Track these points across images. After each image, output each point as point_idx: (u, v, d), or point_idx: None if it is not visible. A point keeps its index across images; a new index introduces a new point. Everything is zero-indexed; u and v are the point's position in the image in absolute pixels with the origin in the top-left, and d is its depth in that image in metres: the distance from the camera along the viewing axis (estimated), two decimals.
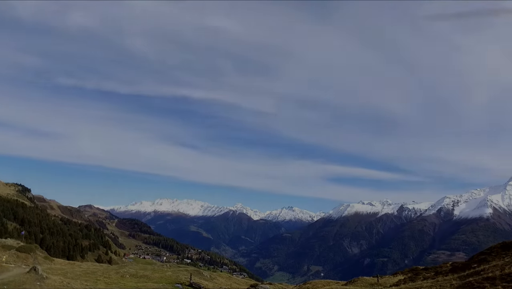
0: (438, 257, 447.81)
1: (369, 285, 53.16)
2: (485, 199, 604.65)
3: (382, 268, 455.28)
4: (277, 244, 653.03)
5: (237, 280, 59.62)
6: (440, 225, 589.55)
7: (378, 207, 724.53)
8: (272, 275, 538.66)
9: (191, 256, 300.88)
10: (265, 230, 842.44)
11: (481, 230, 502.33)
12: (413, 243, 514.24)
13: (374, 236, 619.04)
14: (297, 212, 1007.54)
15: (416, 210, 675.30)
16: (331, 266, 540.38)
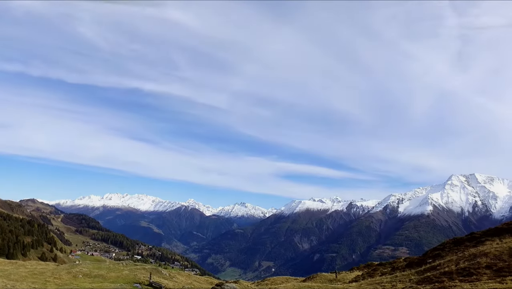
0: (383, 252, 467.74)
1: (327, 281, 54.14)
2: (426, 197, 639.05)
3: (331, 263, 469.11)
4: (229, 240, 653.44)
5: (198, 279, 58.30)
6: (385, 221, 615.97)
7: (328, 204, 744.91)
8: (223, 271, 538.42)
9: (142, 252, 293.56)
10: (217, 225, 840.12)
11: (422, 226, 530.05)
12: (361, 239, 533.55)
13: (324, 232, 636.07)
14: (249, 208, 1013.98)
15: (364, 207, 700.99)
16: (282, 261, 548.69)
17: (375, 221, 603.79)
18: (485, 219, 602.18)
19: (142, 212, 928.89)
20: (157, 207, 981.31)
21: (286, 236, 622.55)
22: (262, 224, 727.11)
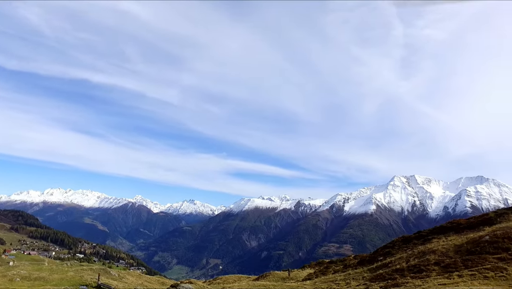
0: (329, 249, 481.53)
1: (280, 279, 54.33)
2: (370, 196, 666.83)
3: (278, 260, 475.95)
4: (177, 237, 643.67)
5: (149, 279, 55.76)
6: (332, 220, 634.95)
7: (277, 202, 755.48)
8: (170, 268, 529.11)
9: (84, 250, 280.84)
10: (165, 222, 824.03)
11: (366, 224, 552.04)
12: (308, 237, 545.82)
13: (272, 230, 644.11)
14: (198, 205, 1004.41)
15: (312, 206, 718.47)
16: (230, 259, 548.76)
17: (321, 220, 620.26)
18: (422, 218, 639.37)
19: (86, 208, 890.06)
20: (102, 203, 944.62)
21: (234, 233, 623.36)
22: (210, 222, 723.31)
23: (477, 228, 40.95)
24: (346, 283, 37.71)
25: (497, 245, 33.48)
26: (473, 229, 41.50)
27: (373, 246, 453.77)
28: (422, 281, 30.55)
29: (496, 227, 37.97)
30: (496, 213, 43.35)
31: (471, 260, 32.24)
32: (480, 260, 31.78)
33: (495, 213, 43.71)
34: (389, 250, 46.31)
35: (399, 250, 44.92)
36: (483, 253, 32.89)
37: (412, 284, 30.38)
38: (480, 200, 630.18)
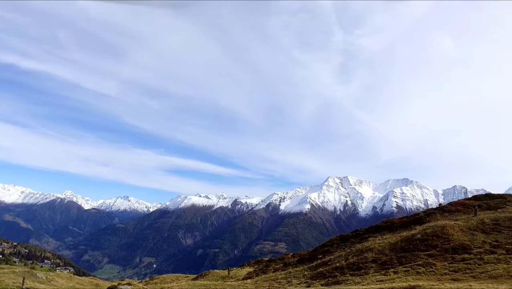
0: (264, 247, 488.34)
1: (220, 278, 53.86)
2: (306, 196, 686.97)
3: (213, 258, 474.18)
4: (109, 235, 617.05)
5: (81, 281, 51.83)
6: (267, 218, 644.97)
7: (214, 200, 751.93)
8: (101, 268, 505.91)
9: (3, 250, 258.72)
10: (96, 220, 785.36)
11: (300, 223, 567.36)
12: (243, 235, 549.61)
13: (208, 227, 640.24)
14: (133, 202, 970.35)
15: (248, 204, 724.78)
16: (164, 257, 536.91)
17: (257, 218, 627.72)
18: (353, 217, 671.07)
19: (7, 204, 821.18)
20: (26, 199, 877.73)
21: (170, 231, 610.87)
22: (145, 219, 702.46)
23: (409, 227, 43.51)
24: (288, 282, 38.14)
25: (427, 243, 35.71)
26: (406, 228, 44.03)
27: (307, 244, 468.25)
28: (361, 278, 31.71)
29: (426, 226, 40.54)
30: (425, 213, 46.37)
31: (405, 257, 34.08)
32: (413, 257, 33.69)
33: (425, 212, 46.75)
34: (328, 248, 47.67)
35: (337, 248, 46.42)
36: (415, 250, 34.92)
37: (352, 281, 31.44)
38: (405, 200, 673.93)
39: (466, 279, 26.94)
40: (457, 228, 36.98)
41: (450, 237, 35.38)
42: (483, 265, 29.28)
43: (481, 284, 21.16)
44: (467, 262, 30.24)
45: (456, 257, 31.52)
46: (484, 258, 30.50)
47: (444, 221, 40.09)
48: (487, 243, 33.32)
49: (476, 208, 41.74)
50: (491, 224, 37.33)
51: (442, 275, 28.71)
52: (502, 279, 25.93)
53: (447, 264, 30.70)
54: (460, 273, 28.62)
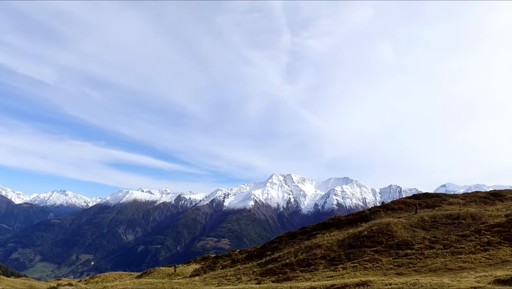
0: (207, 243, 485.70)
1: (166, 276, 52.57)
2: (250, 193, 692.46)
3: (155, 255, 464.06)
4: (43, 231, 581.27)
5: (12, 282, 47.18)
6: (211, 214, 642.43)
7: (157, 196, 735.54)
8: (32, 266, 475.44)
9: None
10: (29, 215, 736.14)
11: (243, 219, 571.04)
12: (187, 231, 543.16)
13: (151, 223, 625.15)
14: (70, 197, 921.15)
15: (192, 200, 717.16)
16: (103, 254, 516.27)
17: (201, 214, 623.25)
18: (295, 214, 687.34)
19: None
20: None
21: (110, 227, 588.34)
22: (83, 214, 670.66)
23: (356, 224, 45.06)
24: (237, 279, 37.98)
25: (373, 239, 37.15)
26: (352, 225, 45.55)
27: (250, 240, 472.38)
28: (311, 275, 32.28)
29: (372, 223, 42.21)
30: (370, 211, 48.30)
31: (353, 253, 35.20)
32: (360, 253, 34.88)
33: (370, 210, 48.69)
34: (277, 245, 48.14)
35: (286, 245, 47.00)
36: (362, 247, 36.19)
37: (303, 278, 31.91)
38: (345, 198, 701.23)
39: (409, 273, 28.35)
40: (400, 225, 38.87)
41: (394, 234, 37.11)
42: (424, 260, 31.01)
43: (423, 277, 22.32)
44: (410, 257, 31.85)
45: (400, 253, 33.10)
46: (425, 253, 32.31)
47: (388, 219, 41.99)
48: (427, 239, 35.34)
49: (416, 206, 44.20)
50: (430, 221, 39.66)
51: (387, 270, 30.00)
52: (440, 272, 27.62)
53: (392, 259, 32.13)
54: (403, 267, 30.07)
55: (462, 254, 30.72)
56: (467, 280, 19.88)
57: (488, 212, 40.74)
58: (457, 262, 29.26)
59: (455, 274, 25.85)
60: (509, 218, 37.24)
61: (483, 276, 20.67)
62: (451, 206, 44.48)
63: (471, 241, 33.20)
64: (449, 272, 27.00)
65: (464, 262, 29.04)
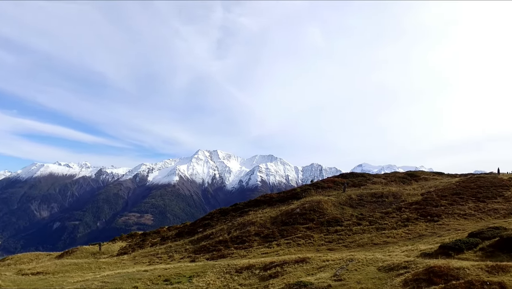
0: (129, 218, 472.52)
1: (90, 255, 49.94)
2: (175, 168, 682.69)
3: (73, 231, 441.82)
4: None
5: None
6: (134, 189, 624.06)
7: (76, 169, 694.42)
8: None
9: None
10: None
11: (168, 194, 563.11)
12: (108, 206, 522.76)
13: (68, 199, 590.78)
14: None
15: (114, 175, 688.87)
16: (12, 232, 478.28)
17: (124, 189, 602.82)
18: (220, 190, 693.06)
19: None
20: None
21: (21, 203, 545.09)
22: None
23: (287, 202, 46.26)
24: (169, 256, 37.26)
25: (306, 216, 38.44)
26: (284, 202, 46.70)
27: (174, 216, 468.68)
28: (246, 251, 32.60)
29: (303, 200, 43.60)
30: (301, 189, 49.85)
31: (286, 230, 36.14)
32: (293, 230, 35.92)
33: (301, 188, 50.26)
34: (208, 222, 47.91)
35: (218, 222, 46.96)
36: (295, 224, 37.29)
37: (238, 255, 32.11)
38: (269, 175, 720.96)
39: (340, 249, 29.85)
40: (330, 203, 40.65)
41: (325, 211, 38.76)
42: (352, 235, 32.84)
43: (358, 253, 23.58)
44: (340, 233, 33.53)
45: (330, 229, 34.69)
46: (353, 229, 34.22)
47: (318, 197, 43.70)
48: (355, 216, 37.44)
49: (345, 185, 46.54)
50: (357, 199, 42.03)
51: (319, 245, 31.29)
52: (367, 247, 29.47)
53: (323, 235, 33.57)
54: (334, 243, 31.59)
55: (386, 230, 33.04)
56: (396, 254, 21.32)
57: (407, 191, 44.20)
58: (381, 237, 31.40)
59: (381, 248, 27.71)
60: (425, 197, 40.75)
61: (410, 250, 22.31)
62: (375, 185, 47.53)
63: (393, 218, 35.81)
64: (375, 247, 28.89)
65: (387, 237, 31.25)
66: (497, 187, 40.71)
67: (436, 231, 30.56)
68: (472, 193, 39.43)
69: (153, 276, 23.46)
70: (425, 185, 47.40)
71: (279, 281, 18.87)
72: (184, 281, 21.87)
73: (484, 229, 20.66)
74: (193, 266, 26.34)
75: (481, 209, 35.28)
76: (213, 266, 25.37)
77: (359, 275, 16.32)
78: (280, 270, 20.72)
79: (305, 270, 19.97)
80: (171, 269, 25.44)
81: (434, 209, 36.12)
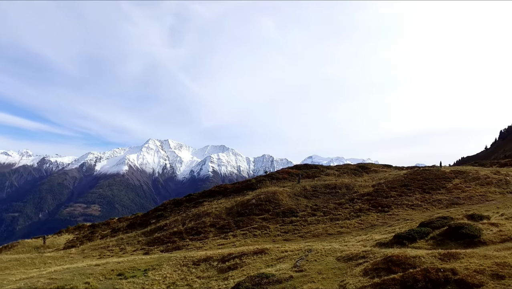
0: (75, 209, 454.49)
1: (34, 249, 47.19)
2: (124, 157, 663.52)
3: (11, 224, 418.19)
4: None
5: None
6: (81, 179, 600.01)
7: (15, 158, 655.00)
8: None
9: None
10: None
11: (116, 184, 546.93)
12: (51, 197, 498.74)
13: (7, 189, 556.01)
14: None
15: (59, 164, 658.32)
16: None
17: (69, 178, 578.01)
18: (170, 180, 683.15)
19: None
20: None
21: None
22: None
23: (243, 193, 46.21)
24: (121, 249, 36.05)
25: (261, 207, 38.61)
26: (239, 193, 46.62)
27: (123, 207, 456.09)
28: (202, 243, 32.20)
29: (259, 191, 43.74)
30: (256, 180, 49.96)
31: (242, 221, 36.10)
32: (249, 220, 35.95)
33: (256, 179, 50.35)
34: (162, 212, 46.88)
35: (172, 212, 46.05)
36: (251, 215, 37.33)
37: (193, 246, 31.63)
38: (221, 166, 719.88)
39: (295, 239, 30.24)
40: (285, 194, 41.08)
41: (280, 202, 39.10)
42: (307, 226, 33.40)
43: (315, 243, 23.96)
44: (295, 224, 33.98)
45: (286, 220, 35.06)
46: (308, 219, 34.81)
47: (274, 188, 44.01)
48: (309, 207, 38.10)
49: (299, 176, 47.21)
50: (311, 190, 42.80)
51: (275, 236, 31.53)
52: (322, 237, 30.11)
53: (279, 226, 33.87)
54: (290, 234, 31.96)
55: (340, 220, 33.92)
56: (352, 244, 21.86)
57: (359, 182, 45.63)
58: (335, 227, 32.20)
59: (336, 238, 28.39)
60: (376, 188, 42.29)
61: (365, 240, 22.97)
62: (328, 177, 48.65)
63: (346, 208, 36.84)
64: (330, 237, 29.57)
65: (341, 227, 32.09)
66: (441, 179, 43.07)
67: (387, 221, 31.82)
68: (419, 185, 41.46)
69: (105, 270, 22.46)
70: (375, 176, 49.19)
71: (239, 273, 18.71)
72: (139, 274, 21.13)
73: (433, 219, 21.69)
74: (147, 259, 25.56)
75: (427, 200, 37.20)
76: (169, 258, 24.75)
77: (319, 266, 16.51)
78: (239, 261, 20.56)
79: (264, 261, 19.95)
80: (124, 263, 24.52)
81: (385, 200, 37.60)
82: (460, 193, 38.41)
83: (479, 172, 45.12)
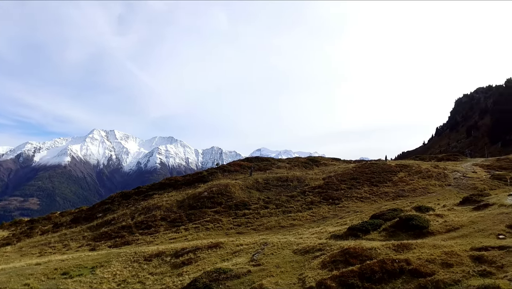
0: (10, 203, 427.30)
1: None
2: (66, 148, 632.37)
3: None
4: None
5: None
6: (17, 171, 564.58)
7: None
8: None
9: None
10: None
11: (58, 176, 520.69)
12: None
13: None
14: None
15: None
16: None
17: (3, 170, 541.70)
18: (116, 172, 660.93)
19: None
20: None
21: None
22: None
23: (194, 185, 45.38)
24: (64, 245, 34.07)
25: (213, 200, 38.12)
26: (190, 185, 45.73)
27: (64, 200, 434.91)
28: (152, 237, 31.18)
29: (211, 184, 43.15)
30: (208, 172, 49.27)
31: (194, 214, 35.42)
32: (201, 213, 35.34)
33: (207, 171, 49.65)
34: (109, 206, 44.98)
35: (119, 206, 44.29)
36: (203, 208, 36.73)
37: (143, 241, 30.55)
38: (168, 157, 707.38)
39: (248, 232, 30.12)
40: (237, 186, 40.83)
41: (233, 195, 38.80)
42: (260, 219, 33.41)
43: (270, 236, 23.95)
44: (248, 217, 33.86)
45: (239, 213, 34.85)
46: (261, 212, 34.83)
47: (226, 180, 43.60)
48: (262, 200, 38.15)
49: (251, 169, 47.15)
50: (263, 183, 42.90)
51: (228, 229, 31.22)
52: (275, 230, 30.23)
53: (232, 219, 33.58)
54: (243, 226, 31.78)
55: (292, 213, 34.26)
56: (307, 237, 22.05)
57: (310, 175, 46.41)
58: (288, 220, 32.46)
59: (289, 230, 28.60)
60: (326, 181, 43.23)
61: (319, 232, 23.27)
62: (280, 170, 49.03)
63: (298, 201, 37.30)
64: (283, 229, 29.75)
65: (294, 219, 32.42)
66: (387, 172, 44.89)
67: (337, 213, 32.58)
68: (367, 178, 42.90)
69: (48, 269, 20.94)
70: (325, 170, 50.30)
71: (194, 268, 18.19)
72: (86, 273, 19.92)
73: (384, 211, 22.42)
74: (94, 255, 24.25)
75: (375, 193, 38.58)
76: (118, 254, 23.64)
77: (277, 259, 16.41)
78: (193, 256, 20.02)
79: (219, 255, 19.57)
80: (69, 260, 23.06)
81: (335, 192, 38.50)
82: (404, 185, 40.23)
83: (420, 166, 47.55)
